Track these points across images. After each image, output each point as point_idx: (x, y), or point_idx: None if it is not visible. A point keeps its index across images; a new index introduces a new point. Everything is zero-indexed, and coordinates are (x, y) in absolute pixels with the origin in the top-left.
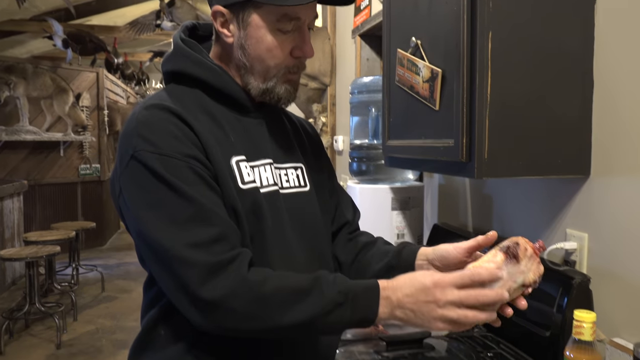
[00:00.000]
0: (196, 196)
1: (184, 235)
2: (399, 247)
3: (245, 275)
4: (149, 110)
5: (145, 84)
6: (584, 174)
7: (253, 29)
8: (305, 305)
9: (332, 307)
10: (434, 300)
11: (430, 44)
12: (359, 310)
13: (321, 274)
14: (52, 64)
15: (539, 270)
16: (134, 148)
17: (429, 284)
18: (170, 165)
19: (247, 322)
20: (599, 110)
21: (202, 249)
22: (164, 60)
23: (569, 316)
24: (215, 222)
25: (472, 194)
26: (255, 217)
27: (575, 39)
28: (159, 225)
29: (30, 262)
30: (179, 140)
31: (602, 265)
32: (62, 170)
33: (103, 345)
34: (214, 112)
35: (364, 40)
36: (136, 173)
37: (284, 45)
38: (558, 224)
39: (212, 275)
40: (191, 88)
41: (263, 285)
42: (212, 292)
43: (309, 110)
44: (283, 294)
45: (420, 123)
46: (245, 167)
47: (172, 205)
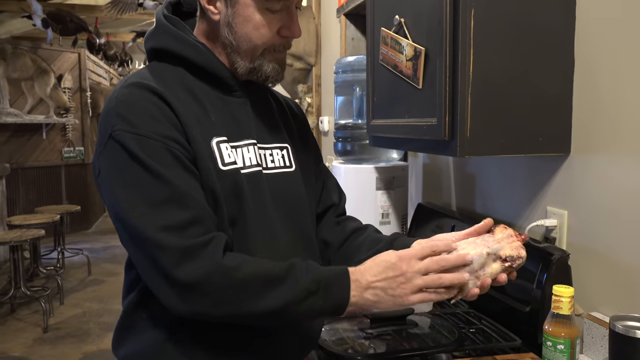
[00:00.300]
0: (171, 178)
1: (159, 217)
2: (392, 236)
3: (219, 261)
4: (129, 89)
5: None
6: (564, 152)
7: (241, 7)
8: (279, 292)
9: (305, 295)
10: (402, 273)
11: (414, 22)
12: (331, 298)
13: (295, 261)
14: (32, 44)
15: (518, 250)
16: (112, 127)
17: (394, 259)
18: (147, 146)
19: (220, 307)
20: (580, 88)
21: (176, 232)
22: (146, 37)
23: (548, 291)
24: (190, 205)
25: (455, 173)
26: (236, 199)
27: (557, 17)
28: (133, 207)
29: (15, 246)
30: (158, 120)
31: (581, 242)
32: (45, 153)
33: (90, 329)
34: (196, 91)
35: (349, 19)
36: (114, 153)
37: (271, 24)
38: (539, 202)
39: (187, 259)
40: (174, 66)
41: (237, 271)
42: (187, 275)
43: (295, 90)
44: (257, 280)
45: (404, 102)
46: (226, 148)
47: (147, 187)
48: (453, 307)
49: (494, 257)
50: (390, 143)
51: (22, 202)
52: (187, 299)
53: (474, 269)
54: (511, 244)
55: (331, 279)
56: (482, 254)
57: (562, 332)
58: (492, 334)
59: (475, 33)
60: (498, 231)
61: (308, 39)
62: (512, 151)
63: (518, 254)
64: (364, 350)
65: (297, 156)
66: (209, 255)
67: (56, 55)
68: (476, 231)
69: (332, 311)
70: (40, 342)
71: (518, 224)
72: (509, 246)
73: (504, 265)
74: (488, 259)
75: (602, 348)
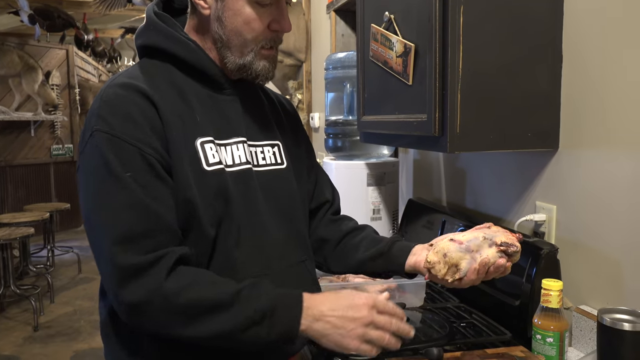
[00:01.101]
0: (135, 187)
1: (115, 226)
2: (392, 239)
3: (161, 283)
4: (114, 89)
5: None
6: (553, 147)
7: (231, 1)
8: (220, 319)
9: (248, 324)
10: (360, 317)
11: (404, 19)
12: (276, 328)
13: (244, 286)
14: (19, 40)
15: (512, 239)
16: (92, 128)
17: (359, 301)
18: (120, 149)
19: (163, 329)
20: (568, 83)
21: (127, 244)
22: (137, 34)
23: (538, 285)
24: (147, 217)
25: (445, 168)
26: (221, 199)
27: (545, 12)
28: (96, 211)
29: (4, 244)
30: (137, 123)
31: (569, 236)
32: (33, 150)
33: (81, 327)
34: (185, 89)
35: (339, 15)
36: (90, 153)
37: (262, 18)
38: (528, 197)
39: (132, 278)
40: (163, 63)
41: (178, 296)
42: (130, 295)
43: (285, 87)
44: (198, 307)
45: (394, 98)
46: (211, 148)
47: (110, 194)
48: (444, 301)
49: (490, 243)
50: (381, 139)
51: (11, 200)
52: (132, 318)
53: (469, 248)
54: (506, 234)
55: (278, 309)
56: (478, 237)
57: (551, 325)
58: (483, 328)
59: (465, 29)
60: (493, 227)
61: (298, 35)
62: (502, 147)
63: (512, 241)
64: None
65: (288, 153)
66: (153, 275)
67: (44, 51)
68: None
69: (279, 341)
70: (31, 340)
71: (508, 218)
72: (504, 235)
73: (499, 249)
74: (484, 243)
75: (590, 340)
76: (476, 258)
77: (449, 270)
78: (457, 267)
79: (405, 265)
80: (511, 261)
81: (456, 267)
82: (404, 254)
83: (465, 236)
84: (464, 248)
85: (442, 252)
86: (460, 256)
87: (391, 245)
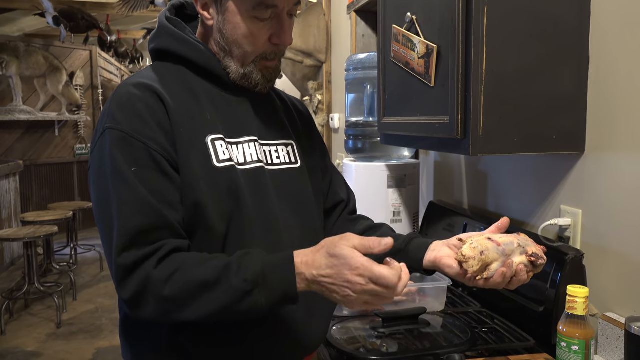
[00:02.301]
0: (138, 184)
1: (116, 226)
2: (410, 236)
3: (149, 274)
4: (126, 88)
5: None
6: (578, 150)
7: (230, 14)
8: (211, 298)
9: (241, 296)
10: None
11: (426, 20)
12: (273, 291)
13: (231, 260)
14: (44, 42)
15: (541, 252)
16: (103, 127)
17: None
18: (127, 145)
19: (163, 316)
20: (594, 86)
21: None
22: (150, 39)
23: (563, 291)
24: (149, 214)
25: (467, 170)
26: (232, 195)
27: (571, 13)
28: (99, 210)
29: (28, 242)
30: (144, 120)
31: (595, 241)
32: (57, 150)
33: (103, 324)
34: (196, 89)
35: (360, 16)
36: (100, 149)
37: (261, 32)
38: (552, 200)
39: (129, 274)
40: (175, 65)
41: (166, 282)
42: (126, 292)
43: (305, 87)
44: (188, 290)
45: (415, 100)
46: (222, 145)
47: (113, 191)
48: (466, 306)
49: (522, 251)
50: (402, 141)
51: (36, 198)
52: (133, 310)
53: (505, 252)
54: (535, 245)
55: (268, 274)
56: (513, 243)
57: (576, 332)
58: (505, 334)
59: (489, 30)
60: (522, 235)
61: (318, 36)
62: (526, 149)
63: (541, 254)
64: (375, 349)
65: (302, 152)
66: (144, 267)
67: (68, 52)
68: (496, 227)
69: (281, 302)
70: (54, 337)
71: (531, 222)
72: (534, 246)
73: (529, 259)
74: (517, 250)
75: (617, 349)
76: (505, 262)
77: (480, 268)
78: (489, 267)
79: (424, 261)
80: (534, 272)
81: (488, 266)
82: (422, 250)
83: (502, 238)
84: (501, 250)
85: (480, 249)
86: (495, 257)
87: (409, 242)
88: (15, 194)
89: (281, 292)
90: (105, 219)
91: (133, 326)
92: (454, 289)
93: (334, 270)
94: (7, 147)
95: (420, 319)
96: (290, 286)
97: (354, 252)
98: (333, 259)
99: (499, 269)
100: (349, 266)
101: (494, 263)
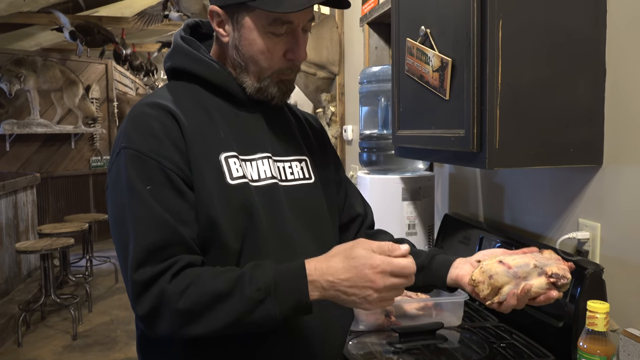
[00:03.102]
0: (153, 201)
1: (132, 243)
2: (432, 252)
3: (164, 289)
4: (142, 108)
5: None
6: (596, 163)
7: (246, 30)
8: (224, 309)
9: (254, 305)
10: (372, 285)
11: (440, 33)
12: (286, 300)
13: (244, 271)
14: (61, 56)
15: (564, 271)
16: (120, 145)
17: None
18: (141, 163)
19: (178, 331)
20: (612, 98)
21: (143, 259)
22: (165, 58)
23: (582, 306)
24: (164, 231)
25: (482, 183)
26: (246, 212)
27: (587, 25)
28: (116, 227)
29: (45, 254)
30: (159, 139)
31: (615, 255)
32: (73, 162)
33: (118, 336)
34: (210, 107)
35: (372, 28)
36: (116, 169)
37: (276, 48)
38: (570, 214)
39: (144, 291)
40: (190, 83)
41: (181, 297)
42: (142, 308)
43: (318, 99)
44: (201, 302)
45: (430, 113)
46: (235, 162)
47: (129, 209)
48: (483, 320)
49: (540, 272)
50: (417, 154)
51: (52, 210)
52: (149, 327)
53: (517, 274)
54: (559, 264)
55: (281, 283)
56: (529, 264)
57: (597, 349)
58: (524, 349)
59: (504, 43)
60: (547, 252)
61: (331, 48)
62: (543, 162)
63: (564, 273)
64: None
65: (316, 168)
66: (160, 282)
67: (84, 66)
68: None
69: (295, 312)
70: (70, 349)
71: (548, 235)
72: (556, 265)
73: (548, 281)
74: (533, 271)
75: None
76: (521, 285)
77: (490, 292)
78: (500, 291)
79: (447, 279)
80: (561, 291)
81: (499, 289)
82: (445, 267)
83: (515, 260)
84: (512, 273)
85: (489, 273)
86: (506, 281)
87: (432, 259)
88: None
89: (294, 301)
90: (121, 236)
91: (149, 344)
92: (471, 303)
93: (352, 272)
94: (24, 160)
95: (437, 334)
96: (302, 294)
97: (370, 252)
98: (351, 260)
99: (511, 291)
100: (370, 265)
101: (505, 286)
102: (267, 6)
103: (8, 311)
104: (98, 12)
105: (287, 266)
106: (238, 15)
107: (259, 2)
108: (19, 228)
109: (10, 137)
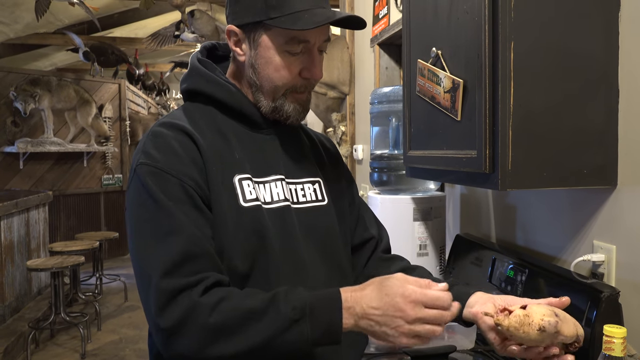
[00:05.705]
0: (177, 213)
1: (160, 255)
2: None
3: (196, 301)
4: (159, 128)
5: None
6: (610, 184)
7: (263, 49)
8: (260, 325)
9: (289, 324)
10: (403, 315)
11: (451, 54)
12: (319, 324)
13: (278, 291)
14: (75, 76)
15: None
16: (137, 162)
17: (400, 301)
18: (162, 180)
19: (205, 348)
20: (625, 118)
21: (172, 270)
22: (182, 80)
23: (598, 330)
24: (189, 240)
25: (495, 204)
26: (257, 235)
27: (599, 47)
28: (140, 242)
29: (56, 272)
30: (178, 157)
31: (631, 278)
32: (85, 180)
33: (127, 355)
34: (224, 129)
35: (383, 49)
36: (135, 186)
37: (292, 66)
38: (584, 236)
39: (171, 301)
40: (205, 105)
41: (213, 310)
42: (167, 320)
43: (328, 119)
44: (236, 316)
45: (441, 133)
46: (248, 185)
47: (153, 220)
48: None
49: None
50: (428, 174)
51: (63, 228)
52: (170, 343)
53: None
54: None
55: (317, 305)
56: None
57: None
58: None
59: (515, 65)
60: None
61: (342, 68)
62: (556, 184)
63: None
64: None
65: (329, 190)
66: (190, 294)
67: (97, 86)
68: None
69: (325, 338)
70: None
71: (562, 257)
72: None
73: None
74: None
75: None
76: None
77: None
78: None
79: (464, 312)
80: None
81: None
82: (462, 300)
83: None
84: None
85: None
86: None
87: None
88: (44, 224)
89: (327, 325)
90: (145, 248)
91: None
92: None
93: (383, 301)
94: (37, 178)
95: (449, 358)
96: (336, 318)
97: (404, 282)
98: (384, 288)
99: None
100: (401, 294)
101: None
102: (284, 24)
103: (18, 329)
104: (112, 32)
105: (322, 292)
106: (255, 34)
107: (276, 21)
108: (30, 246)
109: (24, 155)
